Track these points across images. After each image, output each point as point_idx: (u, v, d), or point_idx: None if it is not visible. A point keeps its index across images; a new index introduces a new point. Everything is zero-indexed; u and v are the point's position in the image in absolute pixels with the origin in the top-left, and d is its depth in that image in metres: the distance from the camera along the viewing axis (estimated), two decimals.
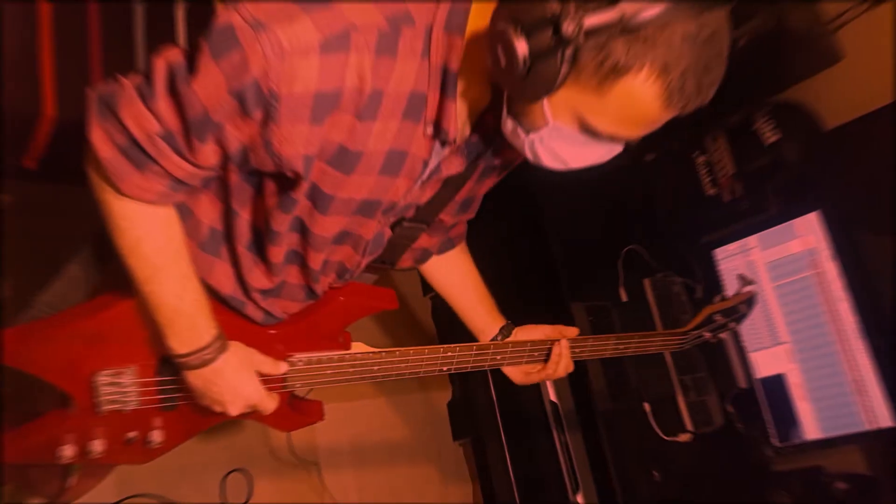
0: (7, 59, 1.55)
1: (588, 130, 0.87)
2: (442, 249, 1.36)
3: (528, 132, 0.91)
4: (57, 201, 1.76)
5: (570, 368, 1.34)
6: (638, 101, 0.81)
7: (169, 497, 1.67)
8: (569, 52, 0.77)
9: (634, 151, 2.18)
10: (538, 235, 1.96)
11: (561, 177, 1.00)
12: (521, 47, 0.78)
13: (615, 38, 0.77)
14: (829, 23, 1.81)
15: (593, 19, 0.76)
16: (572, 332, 1.35)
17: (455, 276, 1.39)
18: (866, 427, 1.72)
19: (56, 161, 1.66)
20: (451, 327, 1.92)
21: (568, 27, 0.75)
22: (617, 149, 0.93)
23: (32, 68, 1.60)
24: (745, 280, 1.54)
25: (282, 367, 1.12)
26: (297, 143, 0.85)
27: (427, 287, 1.46)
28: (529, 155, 0.94)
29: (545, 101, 0.86)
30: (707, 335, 1.54)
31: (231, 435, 2.09)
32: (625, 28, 0.76)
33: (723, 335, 1.57)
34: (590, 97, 0.82)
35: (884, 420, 1.69)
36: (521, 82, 0.81)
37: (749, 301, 1.53)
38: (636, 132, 0.87)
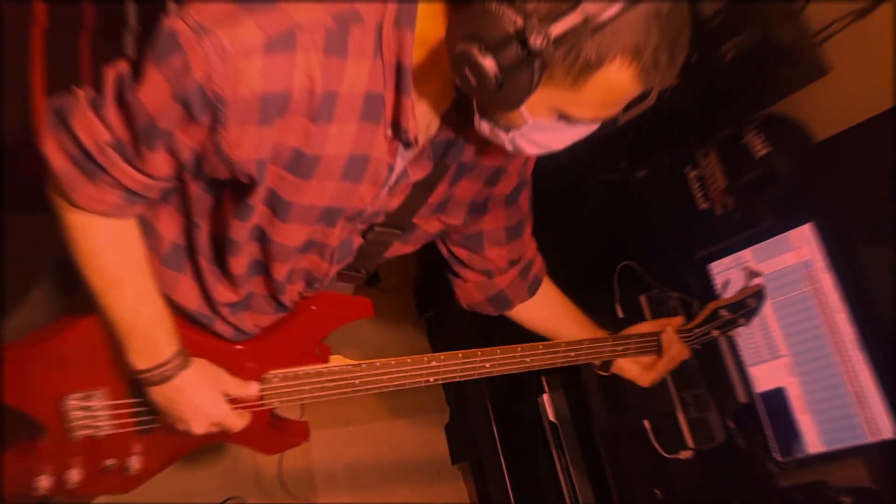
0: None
1: (568, 120, 0.87)
2: (532, 289, 1.38)
3: (507, 130, 0.90)
4: (24, 230, 1.75)
5: (686, 354, 1.39)
6: (615, 87, 0.81)
7: None
8: (539, 62, 0.77)
9: (627, 169, 2.21)
10: None
11: (556, 192, 0.99)
12: (490, 66, 0.77)
13: (584, 39, 0.76)
14: (814, 36, 1.82)
15: (559, 27, 0.74)
16: (676, 320, 1.41)
17: (552, 309, 1.42)
18: (869, 439, 1.70)
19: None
20: (447, 348, 1.91)
21: (535, 40, 0.74)
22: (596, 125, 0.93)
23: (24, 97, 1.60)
24: (751, 272, 1.45)
25: (251, 389, 1.09)
26: (247, 146, 0.84)
27: (423, 308, 1.43)
28: (510, 148, 0.94)
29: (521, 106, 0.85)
30: (715, 333, 1.46)
31: (226, 462, 2.06)
32: (591, 27, 0.75)
33: (732, 333, 1.48)
34: (566, 93, 0.82)
35: (886, 432, 1.67)
36: (495, 96, 0.80)
37: (758, 294, 1.44)
38: (616, 111, 0.87)
